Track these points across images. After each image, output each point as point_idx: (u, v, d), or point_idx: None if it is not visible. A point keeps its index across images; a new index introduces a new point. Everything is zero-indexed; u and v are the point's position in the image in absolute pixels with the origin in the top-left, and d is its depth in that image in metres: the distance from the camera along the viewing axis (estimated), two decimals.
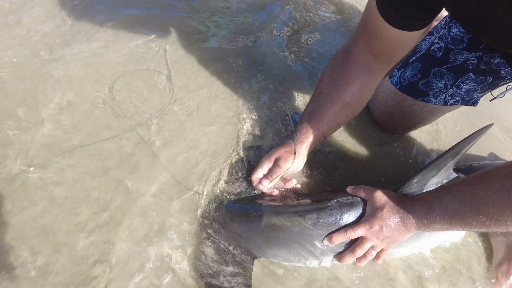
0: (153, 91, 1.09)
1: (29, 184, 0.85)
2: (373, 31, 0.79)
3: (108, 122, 0.99)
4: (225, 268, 0.79)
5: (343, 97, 0.86)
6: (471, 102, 1.04)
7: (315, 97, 0.90)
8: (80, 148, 0.93)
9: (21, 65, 1.07)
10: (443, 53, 0.97)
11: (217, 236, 0.83)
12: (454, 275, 0.92)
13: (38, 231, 0.80)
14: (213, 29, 1.34)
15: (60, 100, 1.02)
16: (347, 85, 0.86)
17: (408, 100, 1.06)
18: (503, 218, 0.62)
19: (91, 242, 0.80)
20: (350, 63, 0.86)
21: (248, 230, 0.81)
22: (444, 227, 0.72)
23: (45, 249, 0.78)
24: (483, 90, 1.00)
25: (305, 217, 0.80)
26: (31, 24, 1.19)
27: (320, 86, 0.89)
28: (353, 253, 0.78)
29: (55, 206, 0.83)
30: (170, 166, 0.94)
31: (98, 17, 1.26)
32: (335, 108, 0.86)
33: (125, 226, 0.83)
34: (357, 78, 0.86)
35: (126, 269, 0.78)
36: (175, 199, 0.89)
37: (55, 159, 0.90)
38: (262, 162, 0.88)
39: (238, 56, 1.26)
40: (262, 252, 0.80)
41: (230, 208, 0.87)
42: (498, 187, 0.62)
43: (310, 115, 0.88)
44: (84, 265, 0.77)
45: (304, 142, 0.87)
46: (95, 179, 0.89)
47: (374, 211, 0.77)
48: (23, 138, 0.92)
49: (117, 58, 1.15)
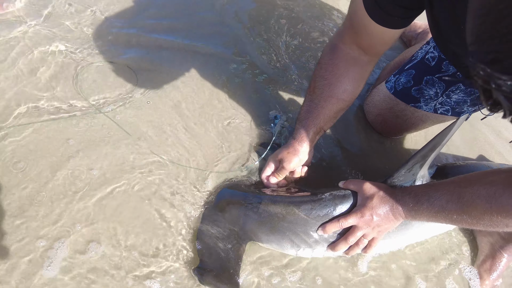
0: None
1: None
2: (359, 26, 0.81)
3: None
4: (219, 243, 0.85)
5: (336, 94, 0.91)
6: (462, 114, 1.08)
7: (310, 97, 0.94)
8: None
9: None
10: (436, 62, 1.03)
11: (216, 216, 0.89)
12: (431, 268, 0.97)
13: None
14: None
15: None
16: (338, 82, 0.90)
17: (401, 105, 1.12)
18: (483, 220, 0.68)
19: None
20: (338, 60, 0.90)
21: (246, 215, 0.86)
22: (429, 220, 0.77)
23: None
24: (473, 104, 1.04)
25: (300, 207, 0.85)
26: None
27: (313, 86, 0.94)
28: (346, 242, 0.83)
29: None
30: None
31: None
32: (329, 105, 0.91)
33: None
34: (346, 74, 0.90)
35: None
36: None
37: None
38: (269, 161, 0.98)
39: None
40: (257, 236, 0.85)
41: (227, 193, 0.93)
42: (482, 193, 0.67)
43: (306, 114, 0.93)
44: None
45: (304, 140, 0.93)
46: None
47: (364, 201, 0.82)
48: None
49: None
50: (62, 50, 1.15)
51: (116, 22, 1.30)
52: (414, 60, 1.10)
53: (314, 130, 0.93)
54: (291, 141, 0.95)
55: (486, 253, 1.01)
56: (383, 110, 1.17)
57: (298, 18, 1.54)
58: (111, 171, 0.94)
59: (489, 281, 0.97)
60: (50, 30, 1.20)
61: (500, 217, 0.64)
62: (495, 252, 1.00)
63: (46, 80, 1.07)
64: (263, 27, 1.45)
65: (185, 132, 1.06)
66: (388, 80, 1.16)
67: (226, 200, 0.91)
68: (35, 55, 1.12)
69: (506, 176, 0.68)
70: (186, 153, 1.02)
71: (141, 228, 0.87)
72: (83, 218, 0.85)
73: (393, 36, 0.82)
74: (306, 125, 0.92)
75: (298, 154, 0.93)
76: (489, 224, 0.67)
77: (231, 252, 0.83)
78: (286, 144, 0.96)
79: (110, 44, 1.22)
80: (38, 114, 1.00)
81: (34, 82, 1.06)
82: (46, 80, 1.07)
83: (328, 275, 0.89)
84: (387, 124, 1.19)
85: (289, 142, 0.95)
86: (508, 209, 0.63)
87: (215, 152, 1.04)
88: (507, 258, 0.98)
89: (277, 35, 1.44)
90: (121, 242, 0.84)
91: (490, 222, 0.67)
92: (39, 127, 0.97)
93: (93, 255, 0.81)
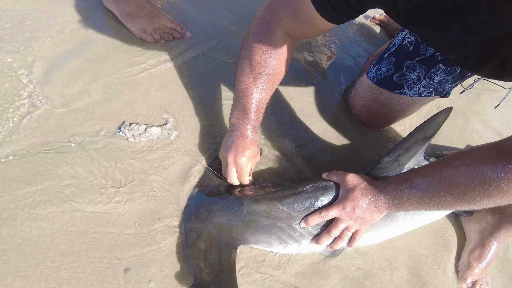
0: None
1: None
2: (303, 17, 0.80)
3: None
4: (209, 256, 0.80)
5: (277, 75, 0.90)
6: (444, 93, 1.09)
7: (246, 81, 0.89)
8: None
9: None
10: (413, 46, 1.03)
11: (200, 226, 0.85)
12: (420, 260, 0.96)
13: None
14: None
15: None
16: (267, 62, 0.87)
17: (385, 94, 1.11)
18: (467, 198, 0.67)
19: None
20: (270, 39, 0.86)
21: (229, 219, 0.83)
22: (414, 207, 0.75)
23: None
24: (453, 81, 1.06)
25: (283, 201, 0.84)
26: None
27: (248, 69, 0.88)
28: (329, 234, 0.81)
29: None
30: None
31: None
32: (269, 87, 0.90)
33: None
34: (277, 54, 0.87)
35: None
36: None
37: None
38: (228, 162, 0.89)
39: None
40: (244, 239, 0.83)
41: (203, 199, 0.90)
42: (463, 170, 0.67)
43: (245, 98, 0.88)
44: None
45: (256, 127, 0.92)
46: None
47: (346, 193, 0.80)
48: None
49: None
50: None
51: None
52: (392, 47, 1.09)
53: (257, 112, 0.90)
54: (243, 132, 0.89)
55: (476, 242, 0.99)
56: (367, 101, 1.16)
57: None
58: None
59: (479, 269, 0.95)
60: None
61: (482, 190, 0.64)
62: (484, 239, 0.98)
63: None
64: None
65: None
66: (369, 71, 1.15)
67: (206, 207, 0.87)
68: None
69: (484, 150, 0.68)
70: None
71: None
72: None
73: (332, 27, 0.83)
74: (246, 111, 0.89)
75: (256, 143, 0.91)
76: (473, 201, 0.66)
77: (223, 260, 0.80)
78: (234, 135, 0.89)
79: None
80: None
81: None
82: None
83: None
84: (372, 115, 1.17)
85: (238, 132, 0.89)
86: (489, 180, 0.63)
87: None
88: (496, 245, 0.97)
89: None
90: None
91: (473, 198, 0.66)
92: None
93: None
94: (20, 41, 1.11)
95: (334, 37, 1.52)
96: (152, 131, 1.00)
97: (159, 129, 1.01)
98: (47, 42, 1.14)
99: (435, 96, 1.09)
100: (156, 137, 1.00)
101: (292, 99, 1.22)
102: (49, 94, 1.02)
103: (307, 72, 1.33)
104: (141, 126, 1.00)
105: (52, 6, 1.24)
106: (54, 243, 0.79)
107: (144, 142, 0.99)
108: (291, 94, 1.24)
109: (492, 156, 0.65)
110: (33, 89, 1.02)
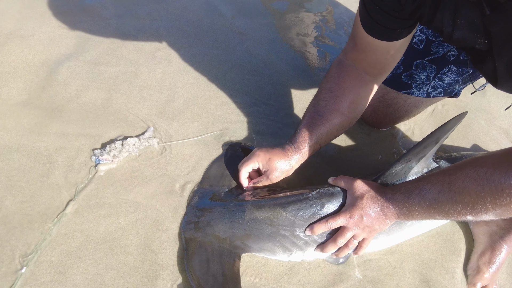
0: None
1: None
2: (361, 45, 0.81)
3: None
4: (212, 267, 0.77)
5: (340, 108, 0.87)
6: (453, 93, 1.05)
7: (314, 108, 0.89)
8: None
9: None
10: (424, 45, 0.98)
11: (200, 235, 0.82)
12: (428, 265, 0.93)
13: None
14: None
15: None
16: (343, 96, 0.87)
17: (392, 93, 1.07)
18: (477, 207, 0.63)
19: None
20: (344, 74, 0.88)
21: (231, 227, 0.80)
22: (423, 216, 0.72)
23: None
24: (464, 82, 1.02)
25: (287, 208, 0.81)
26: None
27: (318, 98, 0.89)
28: (335, 243, 0.78)
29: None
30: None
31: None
32: (333, 120, 0.87)
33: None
34: (352, 89, 0.87)
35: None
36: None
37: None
38: (255, 156, 0.86)
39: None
40: (247, 247, 0.80)
41: (206, 204, 0.86)
42: (473, 176, 0.63)
43: (309, 125, 0.87)
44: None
45: (301, 150, 0.86)
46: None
47: (354, 201, 0.77)
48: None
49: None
50: None
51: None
52: None
53: (314, 141, 0.86)
54: (287, 148, 0.87)
55: (485, 245, 0.96)
56: (373, 100, 1.10)
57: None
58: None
59: (489, 273, 0.92)
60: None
61: (493, 198, 0.60)
62: (494, 243, 0.95)
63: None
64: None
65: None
66: None
67: (205, 215, 0.83)
68: None
69: (496, 157, 0.64)
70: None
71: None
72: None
73: (399, 46, 0.78)
74: (306, 135, 0.86)
75: (290, 160, 0.86)
76: (484, 211, 0.63)
77: (226, 271, 0.76)
78: (280, 149, 0.87)
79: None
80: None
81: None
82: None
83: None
84: (377, 114, 1.14)
85: (285, 149, 0.87)
86: (501, 188, 0.59)
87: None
88: (507, 249, 0.94)
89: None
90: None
91: (484, 207, 0.62)
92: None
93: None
94: None
95: (339, 35, 1.48)
96: (129, 142, 0.96)
97: (136, 139, 0.97)
98: None
99: (443, 97, 1.05)
100: (136, 148, 0.96)
101: (295, 99, 1.19)
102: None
103: (310, 71, 1.29)
104: (116, 142, 0.95)
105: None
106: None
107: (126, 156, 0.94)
108: (293, 94, 1.20)
109: (505, 162, 0.61)
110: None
